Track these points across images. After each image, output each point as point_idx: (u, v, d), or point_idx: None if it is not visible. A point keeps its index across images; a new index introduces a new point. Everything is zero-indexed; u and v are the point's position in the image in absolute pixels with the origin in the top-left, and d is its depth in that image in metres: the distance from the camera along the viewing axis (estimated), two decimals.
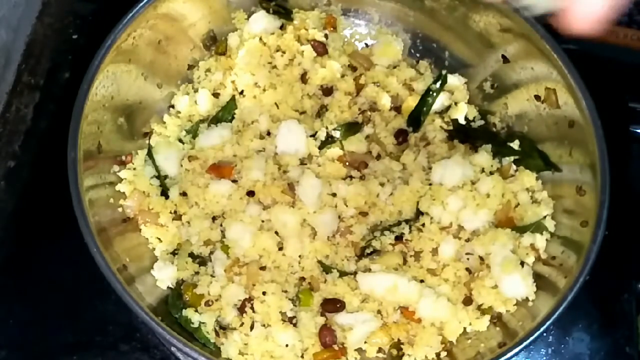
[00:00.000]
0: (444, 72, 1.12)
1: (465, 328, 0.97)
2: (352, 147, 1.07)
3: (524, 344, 0.86)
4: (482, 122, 1.11)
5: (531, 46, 0.99)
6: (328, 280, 0.99)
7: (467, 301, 0.97)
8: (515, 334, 0.90)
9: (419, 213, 1.03)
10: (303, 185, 1.01)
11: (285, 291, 0.98)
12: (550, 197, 1.02)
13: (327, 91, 1.11)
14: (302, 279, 1.00)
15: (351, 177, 1.05)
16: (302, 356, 0.94)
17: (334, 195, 1.02)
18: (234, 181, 1.03)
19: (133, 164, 1.04)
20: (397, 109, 1.11)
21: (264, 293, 0.96)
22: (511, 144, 1.05)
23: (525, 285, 0.95)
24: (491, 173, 1.04)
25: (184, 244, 1.01)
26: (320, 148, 1.06)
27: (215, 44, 1.13)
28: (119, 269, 0.89)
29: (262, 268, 0.99)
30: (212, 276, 0.98)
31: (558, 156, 1.01)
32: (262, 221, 1.00)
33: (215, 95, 1.11)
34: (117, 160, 1.03)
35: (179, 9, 1.05)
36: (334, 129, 1.07)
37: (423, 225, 1.01)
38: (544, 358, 1.05)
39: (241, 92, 1.10)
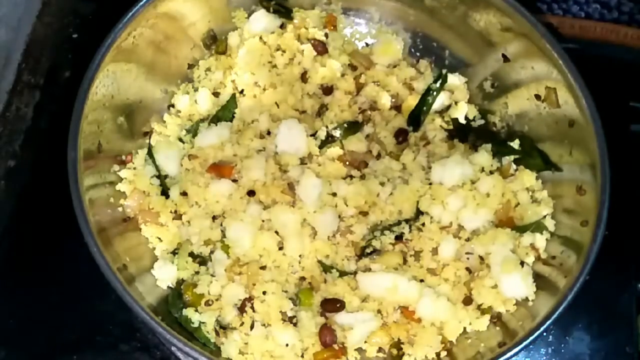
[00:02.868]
0: (444, 71, 1.12)
1: (465, 328, 0.97)
2: (352, 146, 1.07)
3: (524, 343, 0.86)
4: (482, 121, 1.11)
5: (531, 45, 0.99)
6: (328, 280, 0.99)
7: (467, 301, 0.97)
8: (515, 333, 0.90)
9: (419, 212, 1.02)
10: (303, 185, 1.00)
11: (286, 291, 0.98)
12: (550, 196, 1.02)
13: (327, 90, 1.11)
14: (302, 278, 1.00)
15: (351, 176, 1.05)
16: (302, 356, 0.94)
17: (334, 194, 1.02)
18: (234, 181, 1.02)
19: (133, 163, 1.04)
20: (397, 108, 1.11)
21: (264, 293, 0.96)
22: (511, 144, 1.05)
23: (525, 285, 0.95)
24: (491, 172, 1.04)
25: (184, 243, 1.01)
26: (320, 147, 1.06)
27: (215, 43, 1.13)
28: (119, 269, 0.89)
29: (263, 268, 0.99)
30: (213, 276, 0.98)
31: (558, 155, 1.01)
32: (263, 221, 1.00)
33: (216, 94, 1.11)
34: (117, 159, 1.03)
35: (179, 8, 1.05)
36: (334, 129, 1.07)
37: (423, 224, 1.01)
38: (544, 358, 1.05)
39: (241, 92, 1.10)
